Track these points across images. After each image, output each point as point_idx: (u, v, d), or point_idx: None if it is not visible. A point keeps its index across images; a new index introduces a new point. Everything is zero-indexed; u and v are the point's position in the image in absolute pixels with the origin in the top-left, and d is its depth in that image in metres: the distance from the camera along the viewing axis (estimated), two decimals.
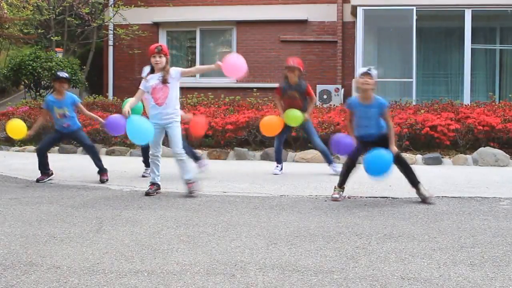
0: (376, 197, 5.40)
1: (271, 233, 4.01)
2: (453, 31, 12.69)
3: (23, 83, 13.84)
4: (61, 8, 13.91)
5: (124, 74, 14.17)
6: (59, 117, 6.43)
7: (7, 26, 14.31)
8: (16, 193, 5.72)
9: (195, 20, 13.70)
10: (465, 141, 8.62)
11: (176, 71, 5.59)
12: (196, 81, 13.84)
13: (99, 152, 6.82)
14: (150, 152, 5.68)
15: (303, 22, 13.36)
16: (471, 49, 11.64)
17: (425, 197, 5.16)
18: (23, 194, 5.68)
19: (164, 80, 5.46)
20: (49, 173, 6.57)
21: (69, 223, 4.33)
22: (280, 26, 13.44)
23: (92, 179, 6.51)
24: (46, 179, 6.50)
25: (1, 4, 12.50)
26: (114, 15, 13.52)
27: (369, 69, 5.29)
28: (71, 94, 6.59)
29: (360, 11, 11.82)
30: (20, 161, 8.42)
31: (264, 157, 8.79)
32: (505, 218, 4.51)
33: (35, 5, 13.61)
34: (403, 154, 8.33)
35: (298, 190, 5.89)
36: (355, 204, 5.12)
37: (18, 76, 13.17)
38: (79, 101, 6.57)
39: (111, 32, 13.96)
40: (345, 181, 5.45)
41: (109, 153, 9.44)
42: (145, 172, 6.88)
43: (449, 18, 12.47)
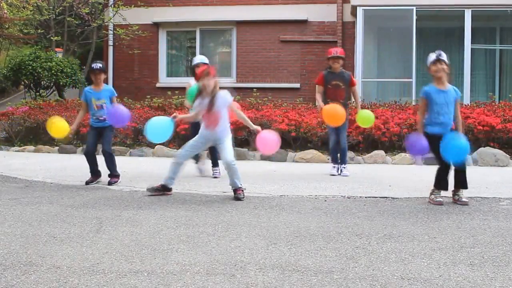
0: (376, 197, 5.40)
1: (271, 233, 4.01)
2: (453, 31, 12.70)
3: (23, 83, 13.84)
4: (61, 8, 13.92)
5: (124, 74, 14.17)
6: (96, 108, 6.30)
7: (7, 26, 14.30)
8: (16, 193, 5.72)
9: (195, 20, 13.70)
10: None
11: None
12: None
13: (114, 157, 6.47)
14: (184, 156, 5.57)
15: (303, 22, 13.36)
16: (471, 49, 11.64)
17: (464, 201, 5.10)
18: (23, 194, 5.68)
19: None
20: (98, 174, 6.41)
21: (69, 223, 4.33)
22: (280, 26, 13.44)
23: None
24: (95, 181, 6.37)
25: (1, 4, 12.50)
26: (114, 15, 13.52)
27: (440, 54, 5.04)
28: (109, 86, 6.51)
29: (360, 11, 11.82)
30: (20, 161, 8.42)
31: (264, 157, 8.79)
32: (505, 218, 4.51)
33: (35, 5, 13.61)
34: (402, 154, 8.37)
35: (298, 190, 5.89)
36: (355, 204, 5.12)
37: (18, 76, 13.17)
38: (115, 94, 6.46)
39: (111, 32, 13.96)
40: (443, 184, 5.16)
41: None
42: (214, 171, 6.84)
43: (449, 18, 12.48)
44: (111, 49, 14.15)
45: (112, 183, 6.25)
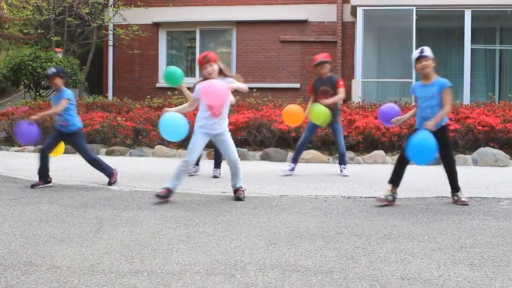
0: (376, 197, 5.39)
1: (271, 233, 4.01)
2: (453, 31, 12.71)
3: (22, 83, 13.84)
4: (61, 8, 13.92)
5: (124, 74, 14.17)
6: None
7: (7, 26, 14.31)
8: (16, 193, 5.72)
9: (195, 20, 13.70)
10: (464, 141, 8.62)
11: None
12: (196, 81, 13.82)
13: (98, 155, 6.33)
14: (191, 162, 5.27)
15: (303, 22, 13.36)
16: (471, 49, 11.65)
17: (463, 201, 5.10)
18: (23, 194, 5.68)
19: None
20: (47, 179, 6.19)
21: (69, 223, 4.33)
22: (280, 26, 13.44)
23: (92, 179, 6.51)
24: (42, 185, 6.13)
25: (1, 4, 12.50)
26: (114, 15, 13.52)
27: (422, 50, 4.97)
28: (67, 90, 6.20)
29: (360, 11, 11.83)
30: (20, 161, 8.42)
31: (264, 157, 8.79)
32: (505, 218, 4.51)
33: (35, 5, 13.61)
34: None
35: (298, 190, 5.89)
36: (355, 204, 5.12)
37: (17, 76, 13.17)
38: (65, 96, 6.09)
39: (111, 32, 13.96)
40: (391, 177, 5.17)
41: (108, 153, 9.44)
42: (215, 171, 6.83)
43: (449, 18, 12.48)
44: (111, 49, 14.15)
45: (112, 183, 6.22)
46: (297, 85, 13.31)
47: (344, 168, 7.03)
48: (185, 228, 4.16)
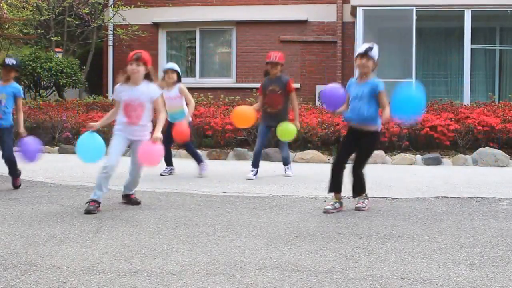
0: (376, 197, 5.39)
1: (271, 233, 4.01)
2: (453, 31, 12.70)
3: (22, 83, 13.83)
4: (60, 8, 13.90)
5: None
6: None
7: (6, 26, 14.29)
8: (16, 193, 5.72)
9: (195, 21, 13.70)
10: (464, 142, 8.63)
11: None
12: (196, 81, 13.85)
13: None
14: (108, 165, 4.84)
15: (303, 22, 13.36)
16: (471, 49, 11.64)
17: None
18: (23, 194, 5.68)
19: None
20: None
21: (69, 223, 4.33)
22: (280, 26, 13.44)
23: (92, 179, 6.49)
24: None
25: (1, 4, 12.49)
26: (114, 15, 13.52)
27: (370, 48, 4.82)
28: (18, 86, 6.07)
29: (359, 11, 11.82)
30: (19, 161, 8.39)
31: (263, 157, 8.78)
32: (505, 218, 4.51)
33: (35, 5, 13.60)
34: (402, 154, 8.36)
35: (297, 190, 5.89)
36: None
37: (17, 76, 13.15)
38: (21, 95, 6.04)
39: (111, 32, 13.96)
40: (330, 185, 4.98)
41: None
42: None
43: (448, 18, 12.48)
44: (111, 49, 14.15)
45: (18, 186, 5.99)
46: (297, 85, 13.28)
47: (288, 168, 7.01)
48: (185, 228, 4.16)
